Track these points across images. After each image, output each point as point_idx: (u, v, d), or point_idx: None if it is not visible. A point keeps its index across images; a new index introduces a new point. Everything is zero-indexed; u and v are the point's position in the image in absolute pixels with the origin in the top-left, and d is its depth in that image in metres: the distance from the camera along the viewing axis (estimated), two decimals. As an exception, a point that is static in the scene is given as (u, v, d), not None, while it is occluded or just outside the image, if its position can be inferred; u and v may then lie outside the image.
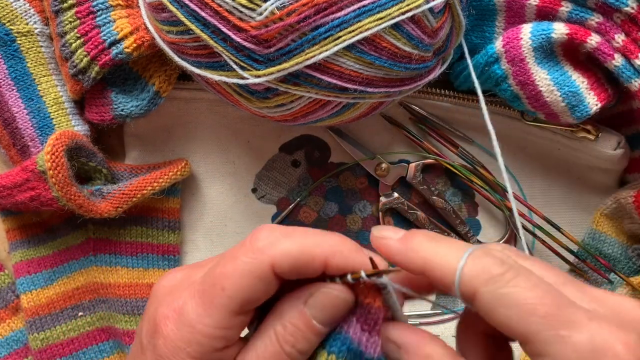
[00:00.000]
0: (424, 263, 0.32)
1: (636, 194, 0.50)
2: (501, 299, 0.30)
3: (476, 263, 0.31)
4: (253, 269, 0.32)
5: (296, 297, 0.33)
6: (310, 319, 0.33)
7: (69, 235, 0.52)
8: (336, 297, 0.33)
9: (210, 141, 0.54)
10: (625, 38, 0.46)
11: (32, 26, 0.51)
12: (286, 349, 0.32)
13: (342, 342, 0.33)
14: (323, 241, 0.32)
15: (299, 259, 0.32)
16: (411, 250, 0.32)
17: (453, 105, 0.52)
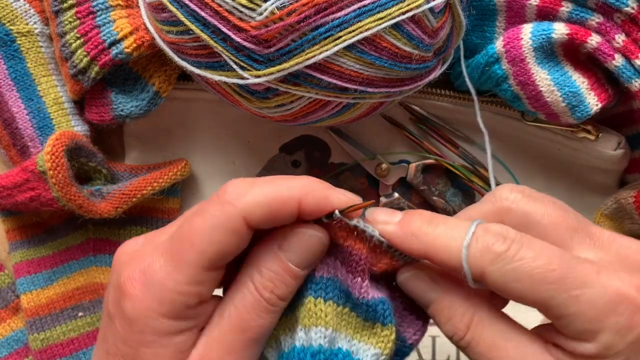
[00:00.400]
0: (426, 249, 0.32)
1: (636, 195, 0.50)
2: (510, 275, 0.30)
3: (479, 243, 0.31)
4: (223, 222, 0.30)
5: (270, 242, 0.32)
6: (287, 262, 0.32)
7: (69, 235, 0.52)
8: (310, 236, 0.32)
9: (210, 141, 0.54)
10: (625, 38, 0.46)
11: (32, 26, 0.51)
12: (265, 295, 0.31)
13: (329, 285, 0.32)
14: (293, 184, 0.31)
15: (271, 206, 0.31)
16: (411, 236, 0.32)
17: (453, 105, 0.52)
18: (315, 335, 0.32)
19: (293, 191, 0.31)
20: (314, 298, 0.32)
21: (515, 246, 0.30)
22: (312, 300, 0.32)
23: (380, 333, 0.33)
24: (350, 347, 0.32)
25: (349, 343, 0.33)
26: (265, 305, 0.32)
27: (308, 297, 0.32)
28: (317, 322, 0.32)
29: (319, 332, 0.32)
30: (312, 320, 0.32)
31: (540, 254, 0.30)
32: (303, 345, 0.32)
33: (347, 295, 0.33)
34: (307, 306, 0.32)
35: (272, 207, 0.31)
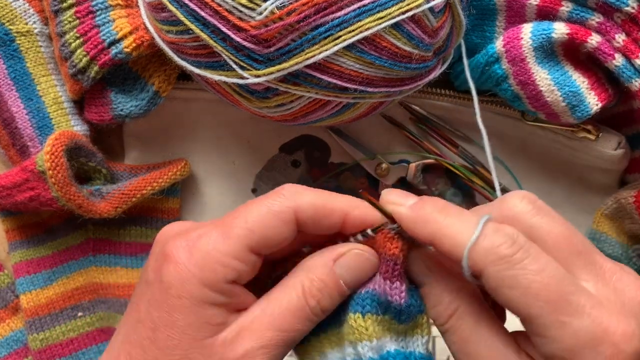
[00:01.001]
0: (432, 236, 0.32)
1: (637, 194, 0.50)
2: (507, 280, 0.30)
3: (486, 241, 0.31)
4: (277, 210, 0.33)
5: (326, 255, 0.34)
6: (339, 278, 0.33)
7: (69, 235, 0.52)
8: (366, 259, 0.34)
9: (210, 141, 0.54)
10: (625, 38, 0.46)
11: (32, 26, 0.51)
12: (311, 304, 0.33)
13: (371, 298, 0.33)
14: (342, 197, 0.34)
15: (321, 209, 0.33)
16: (421, 221, 0.33)
17: (453, 105, 0.52)
18: (363, 350, 0.33)
19: (342, 203, 0.34)
20: (353, 314, 0.33)
21: (521, 253, 0.30)
22: (352, 316, 0.33)
23: (421, 321, 0.35)
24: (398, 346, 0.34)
25: (396, 343, 0.34)
26: (308, 313, 0.33)
27: (349, 314, 0.34)
28: (362, 338, 0.33)
29: (365, 346, 0.33)
30: (355, 336, 0.33)
31: (543, 270, 0.30)
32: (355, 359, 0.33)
33: (385, 305, 0.34)
34: (349, 322, 0.33)
35: (322, 211, 0.33)
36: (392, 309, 0.34)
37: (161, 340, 0.32)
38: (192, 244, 0.33)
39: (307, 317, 0.33)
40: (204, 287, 0.32)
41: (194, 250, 0.32)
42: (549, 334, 0.30)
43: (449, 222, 0.32)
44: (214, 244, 0.32)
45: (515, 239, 0.31)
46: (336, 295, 0.34)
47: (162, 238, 0.35)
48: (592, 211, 0.54)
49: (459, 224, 0.32)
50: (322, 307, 0.33)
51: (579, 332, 0.29)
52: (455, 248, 0.31)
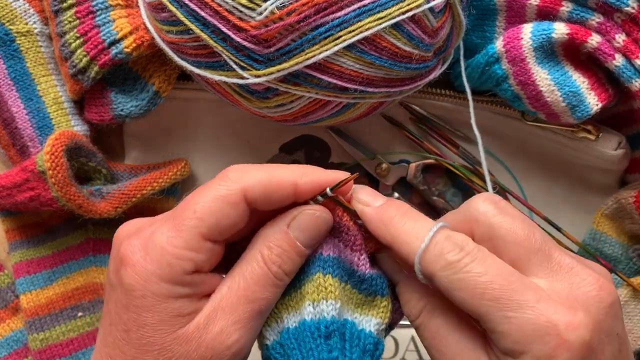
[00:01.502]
0: (391, 239, 0.34)
1: (637, 194, 0.50)
2: (455, 283, 0.32)
3: (436, 248, 0.33)
4: (225, 194, 0.33)
5: (279, 221, 0.35)
6: (295, 240, 0.34)
7: (69, 235, 0.52)
8: (317, 217, 0.35)
9: (210, 141, 0.54)
10: (625, 38, 0.46)
11: (32, 26, 0.51)
12: (273, 270, 0.34)
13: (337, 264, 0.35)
14: (290, 168, 0.35)
15: (269, 184, 0.33)
16: (382, 223, 0.34)
17: (453, 105, 0.52)
18: (327, 308, 0.34)
19: (289, 173, 0.34)
20: (323, 274, 0.34)
21: (467, 258, 0.32)
22: (322, 276, 0.34)
23: (379, 304, 0.36)
24: (353, 319, 0.35)
25: (352, 316, 0.35)
26: (272, 278, 0.34)
27: (317, 274, 0.34)
28: (328, 296, 0.34)
29: (330, 304, 0.34)
30: (322, 295, 0.34)
31: (488, 271, 0.32)
32: (313, 318, 0.33)
33: (348, 274, 0.35)
34: (316, 282, 0.34)
35: (270, 186, 0.33)
36: (355, 277, 0.35)
37: (135, 340, 0.33)
38: (145, 242, 0.33)
39: (273, 283, 0.34)
40: (164, 282, 0.32)
41: (149, 248, 0.33)
42: (498, 330, 0.31)
43: (407, 228, 0.34)
44: (167, 239, 0.33)
45: (463, 246, 0.33)
46: (296, 257, 0.34)
47: (118, 239, 0.35)
48: (592, 211, 0.54)
49: (415, 230, 0.34)
50: (285, 270, 0.34)
51: (524, 325, 0.31)
52: (409, 253, 0.33)
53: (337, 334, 0.34)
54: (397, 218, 0.34)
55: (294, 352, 0.33)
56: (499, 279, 0.32)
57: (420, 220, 0.35)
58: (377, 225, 0.35)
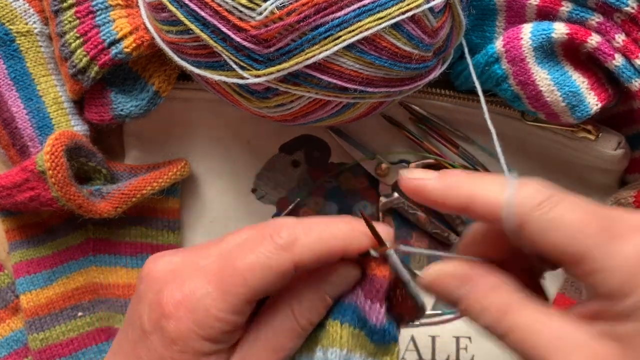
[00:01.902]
0: (467, 198, 0.32)
1: (636, 194, 0.50)
2: (551, 223, 0.30)
3: (520, 193, 0.31)
4: (275, 265, 0.32)
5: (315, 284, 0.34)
6: (325, 294, 0.34)
7: (69, 235, 0.52)
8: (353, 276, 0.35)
9: (210, 141, 0.54)
10: (625, 38, 0.46)
11: (32, 26, 0.51)
12: (301, 323, 0.34)
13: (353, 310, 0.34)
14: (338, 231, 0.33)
15: (321, 255, 0.33)
16: (451, 188, 0.33)
17: (453, 105, 0.52)
18: (331, 356, 0.34)
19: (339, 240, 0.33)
20: (332, 320, 0.34)
21: (555, 198, 0.31)
22: (331, 322, 0.34)
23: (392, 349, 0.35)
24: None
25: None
26: (299, 331, 0.34)
27: (328, 320, 0.35)
28: (334, 344, 0.34)
29: (334, 352, 0.34)
30: (329, 342, 0.34)
31: (580, 207, 0.31)
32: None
33: (363, 321, 0.34)
34: (326, 328, 0.34)
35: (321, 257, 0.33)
36: (367, 327, 0.34)
37: None
38: (188, 299, 0.33)
39: (298, 335, 0.34)
40: (204, 341, 0.33)
41: (193, 308, 0.33)
42: (605, 266, 0.29)
43: (480, 184, 0.33)
44: (212, 301, 0.33)
45: (544, 188, 0.31)
46: (323, 310, 0.35)
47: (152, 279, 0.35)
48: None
49: (490, 184, 0.32)
50: (312, 322, 0.35)
51: (631, 255, 0.29)
52: (492, 206, 0.31)
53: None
54: (466, 179, 0.33)
55: None
56: (595, 214, 0.30)
57: (490, 176, 0.34)
58: (445, 191, 0.33)
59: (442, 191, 0.33)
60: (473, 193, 0.32)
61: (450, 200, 0.33)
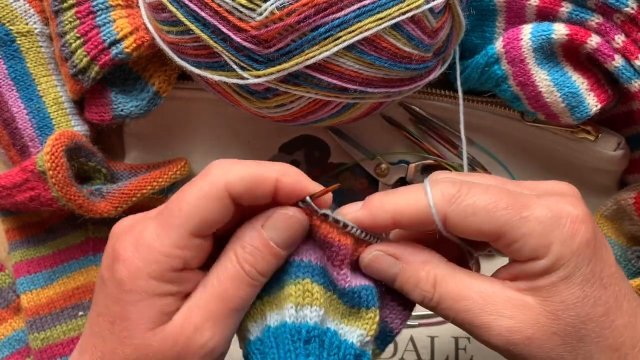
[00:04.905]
0: (392, 216, 0.35)
1: (636, 196, 0.50)
2: (466, 210, 0.34)
3: (436, 192, 0.35)
4: (209, 191, 0.34)
5: (254, 220, 0.35)
6: (268, 239, 0.35)
7: (69, 235, 0.52)
8: (291, 217, 0.35)
9: (210, 141, 0.54)
10: (625, 39, 0.46)
11: (32, 26, 0.51)
12: (246, 268, 0.34)
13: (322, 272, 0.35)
14: (272, 166, 0.35)
15: (252, 180, 0.34)
16: (376, 210, 0.35)
17: (453, 106, 0.52)
18: (311, 314, 0.34)
19: (271, 171, 0.34)
20: (311, 281, 0.35)
21: (465, 187, 0.34)
22: (309, 282, 0.35)
23: (364, 316, 0.35)
24: (336, 329, 0.35)
25: (335, 325, 0.35)
26: (245, 277, 0.34)
27: (305, 279, 0.35)
28: (313, 302, 0.34)
29: (314, 311, 0.34)
30: (307, 300, 0.34)
31: (488, 189, 0.34)
32: (294, 322, 0.34)
33: (333, 285, 0.35)
34: (303, 287, 0.35)
35: (252, 182, 0.34)
36: (337, 290, 0.35)
37: (118, 332, 0.34)
38: (136, 239, 0.34)
39: (246, 282, 0.34)
40: (151, 279, 0.33)
41: (139, 246, 0.34)
42: (520, 233, 0.33)
43: (398, 197, 0.35)
44: (155, 236, 0.34)
45: (453, 179, 0.35)
46: (270, 257, 0.35)
47: (113, 235, 0.36)
48: (591, 211, 0.54)
49: (406, 195, 0.35)
50: (258, 270, 0.34)
51: (541, 217, 0.33)
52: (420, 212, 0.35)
53: (317, 340, 0.34)
54: (383, 197, 0.36)
55: (271, 350, 0.34)
56: (502, 192, 0.34)
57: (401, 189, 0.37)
58: (372, 216, 0.35)
59: (369, 216, 0.35)
60: (397, 208, 0.35)
61: (379, 221, 0.35)
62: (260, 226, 0.35)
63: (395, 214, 0.35)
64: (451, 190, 0.34)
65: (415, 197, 0.35)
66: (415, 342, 0.53)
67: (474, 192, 0.34)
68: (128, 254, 0.34)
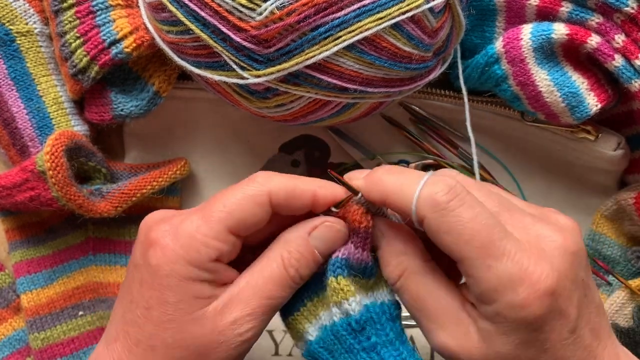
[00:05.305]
0: (383, 193, 0.36)
1: (636, 196, 0.50)
2: (443, 226, 0.34)
3: (426, 190, 0.35)
4: (252, 194, 0.36)
5: (301, 228, 0.38)
6: (313, 248, 0.37)
7: (69, 234, 0.52)
8: (337, 230, 0.38)
9: (210, 141, 0.54)
10: (625, 38, 0.46)
11: (32, 26, 0.51)
12: (290, 272, 0.37)
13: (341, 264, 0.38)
14: (310, 179, 0.38)
15: (292, 191, 0.37)
16: (373, 184, 0.37)
17: (453, 105, 0.52)
18: (351, 306, 0.36)
19: (309, 183, 0.37)
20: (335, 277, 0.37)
21: (456, 201, 0.34)
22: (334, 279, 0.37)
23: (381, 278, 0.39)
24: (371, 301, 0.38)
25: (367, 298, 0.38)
26: (289, 280, 0.37)
27: (330, 278, 0.37)
28: (347, 295, 0.37)
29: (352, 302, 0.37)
30: (341, 296, 0.37)
31: (475, 218, 0.34)
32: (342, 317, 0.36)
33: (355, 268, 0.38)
34: (330, 286, 0.37)
35: (293, 193, 0.37)
36: (360, 269, 0.38)
37: (155, 317, 0.35)
38: (175, 228, 0.36)
39: (288, 285, 0.37)
40: (189, 265, 0.35)
41: (178, 234, 0.36)
42: (477, 275, 0.34)
43: (394, 180, 0.36)
44: (197, 227, 0.36)
45: (452, 186, 0.34)
46: (312, 264, 0.37)
47: (146, 225, 0.38)
48: (591, 212, 0.54)
49: (403, 180, 0.36)
50: (301, 275, 0.37)
51: (502, 274, 0.33)
52: (403, 201, 0.35)
53: (369, 322, 0.36)
54: (385, 175, 0.37)
55: (335, 346, 0.37)
56: (486, 228, 0.34)
57: (408, 171, 0.37)
58: (369, 189, 0.37)
59: (366, 188, 0.37)
60: (388, 189, 0.36)
61: (372, 195, 0.37)
62: (307, 234, 0.37)
63: (385, 196, 0.36)
64: (441, 197, 0.34)
65: (408, 187, 0.35)
66: (415, 342, 0.53)
67: (460, 212, 0.34)
68: (167, 241, 0.36)
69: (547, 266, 0.34)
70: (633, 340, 0.48)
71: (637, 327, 0.49)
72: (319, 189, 0.37)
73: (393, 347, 0.36)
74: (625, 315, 0.50)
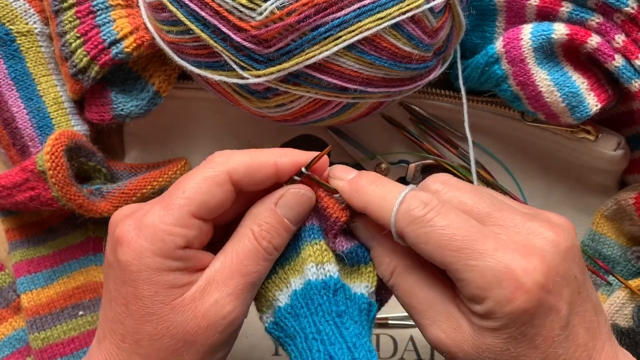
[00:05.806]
0: (365, 205, 0.37)
1: (636, 196, 0.50)
2: (421, 237, 0.35)
3: (403, 206, 0.36)
4: (211, 175, 0.36)
5: (267, 200, 0.38)
6: (282, 216, 0.37)
7: (69, 234, 0.52)
8: (302, 195, 0.38)
9: (210, 141, 0.54)
10: (625, 38, 0.46)
11: (32, 26, 0.51)
12: (263, 245, 0.37)
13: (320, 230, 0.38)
14: (270, 149, 0.38)
15: (252, 165, 0.37)
16: (355, 192, 0.38)
17: (453, 106, 0.52)
18: (333, 268, 0.37)
19: (269, 154, 0.37)
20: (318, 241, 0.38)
21: (431, 213, 0.35)
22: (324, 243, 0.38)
23: (364, 271, 0.39)
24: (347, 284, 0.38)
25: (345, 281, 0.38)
26: (263, 253, 0.37)
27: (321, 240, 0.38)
28: (331, 259, 0.37)
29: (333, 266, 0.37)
30: (326, 257, 0.37)
31: (450, 224, 0.35)
32: (317, 278, 0.37)
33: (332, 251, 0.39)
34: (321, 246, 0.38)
35: (252, 166, 0.37)
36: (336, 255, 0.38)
37: (134, 312, 0.36)
38: (138, 221, 0.36)
39: (263, 257, 0.37)
40: (157, 257, 0.35)
41: (142, 227, 0.35)
42: (462, 277, 0.34)
43: (377, 192, 0.37)
44: (159, 217, 0.35)
45: (427, 202, 0.36)
46: (283, 233, 0.37)
47: (113, 223, 0.38)
48: (591, 212, 0.54)
49: (385, 193, 0.37)
50: (274, 245, 0.37)
51: (485, 272, 0.34)
52: (381, 215, 0.36)
53: (342, 291, 0.37)
54: (368, 185, 0.37)
55: (302, 310, 0.36)
56: (461, 231, 0.35)
57: (389, 184, 0.38)
58: (350, 195, 0.38)
59: (348, 194, 0.38)
60: (369, 202, 0.37)
61: (354, 202, 0.38)
62: (273, 205, 0.37)
63: (366, 205, 0.37)
64: (417, 211, 0.35)
65: (388, 201, 0.36)
66: (415, 342, 0.53)
67: (435, 221, 0.35)
68: (131, 235, 0.35)
69: (536, 260, 0.34)
70: (633, 340, 0.48)
71: (637, 328, 0.49)
72: (280, 157, 0.37)
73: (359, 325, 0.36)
74: (625, 315, 0.50)
